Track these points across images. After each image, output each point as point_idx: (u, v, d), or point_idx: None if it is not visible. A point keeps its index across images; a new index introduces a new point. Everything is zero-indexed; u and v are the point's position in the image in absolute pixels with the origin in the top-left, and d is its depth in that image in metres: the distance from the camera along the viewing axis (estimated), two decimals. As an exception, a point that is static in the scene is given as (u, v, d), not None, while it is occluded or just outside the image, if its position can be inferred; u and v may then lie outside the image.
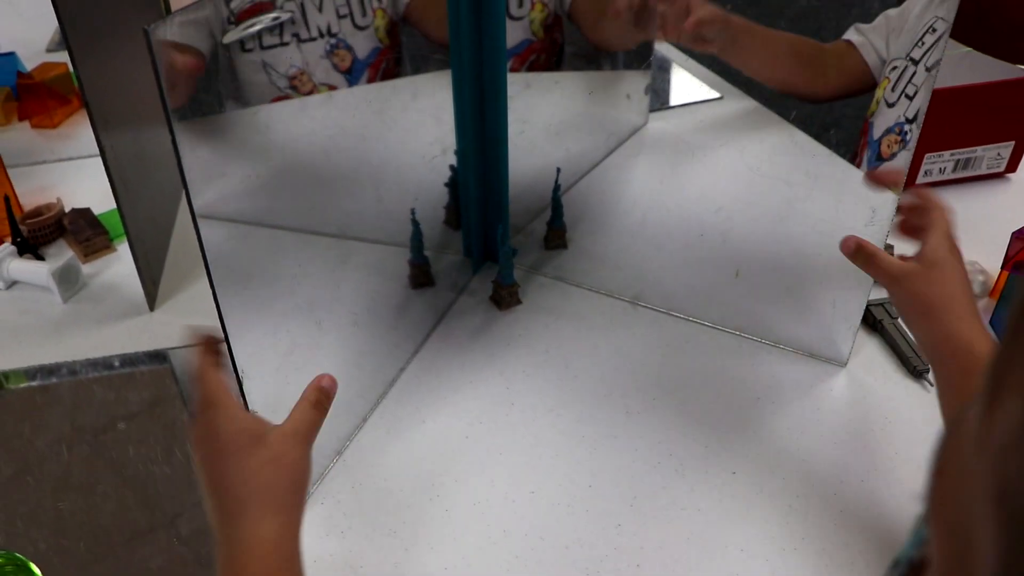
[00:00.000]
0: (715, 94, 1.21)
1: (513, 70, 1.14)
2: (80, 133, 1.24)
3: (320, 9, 1.04)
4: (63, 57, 1.05)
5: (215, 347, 0.57)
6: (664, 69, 1.33)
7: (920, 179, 1.12)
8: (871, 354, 0.85)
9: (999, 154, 1.13)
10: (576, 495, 0.71)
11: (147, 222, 0.91)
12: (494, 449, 0.75)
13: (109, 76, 0.84)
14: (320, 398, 0.56)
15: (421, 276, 0.90)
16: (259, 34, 1.08)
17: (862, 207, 0.74)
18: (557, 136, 1.07)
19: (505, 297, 0.90)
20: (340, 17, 1.08)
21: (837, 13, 0.78)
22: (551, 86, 1.14)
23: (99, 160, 0.79)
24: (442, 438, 0.76)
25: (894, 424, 0.77)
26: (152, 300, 0.90)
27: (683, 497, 0.70)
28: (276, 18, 0.98)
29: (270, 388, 0.63)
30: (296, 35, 1.07)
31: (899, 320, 0.88)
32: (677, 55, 1.34)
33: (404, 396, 0.80)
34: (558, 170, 0.96)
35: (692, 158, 1.05)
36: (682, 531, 0.68)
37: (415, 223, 0.86)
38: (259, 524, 0.49)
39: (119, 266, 0.96)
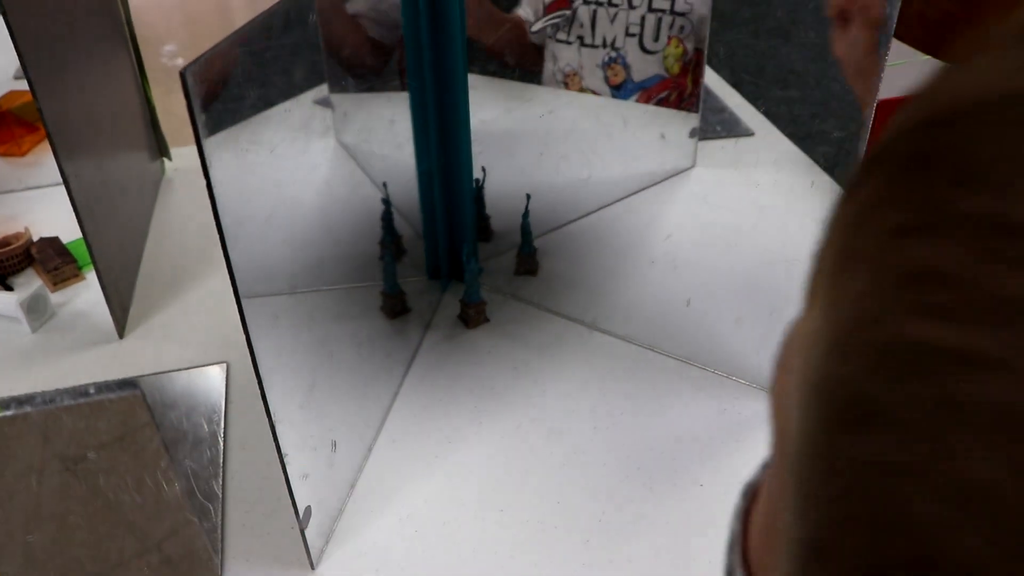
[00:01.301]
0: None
1: (640, 103, 1.19)
2: (48, 161, 1.22)
3: (612, 21, 1.07)
4: (27, 86, 1.05)
5: None
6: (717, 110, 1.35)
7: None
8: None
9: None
10: (545, 512, 0.71)
11: (115, 249, 0.91)
12: (462, 467, 0.76)
13: (71, 104, 0.84)
14: None
15: (398, 306, 0.90)
16: (556, 27, 1.14)
17: (809, 237, 0.75)
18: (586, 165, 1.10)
19: (472, 315, 0.91)
20: (628, 35, 1.14)
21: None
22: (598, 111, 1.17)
23: (65, 188, 0.79)
24: (411, 458, 0.77)
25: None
26: (121, 328, 0.90)
27: (652, 511, 0.71)
28: (561, 14, 1.04)
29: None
30: (581, 38, 1.14)
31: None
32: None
33: (394, 423, 0.81)
34: (528, 196, 0.97)
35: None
36: (651, 544, 0.69)
37: (391, 253, 0.87)
38: None
39: (88, 294, 0.96)
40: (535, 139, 1.16)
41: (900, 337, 0.15)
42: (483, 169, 0.98)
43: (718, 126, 1.31)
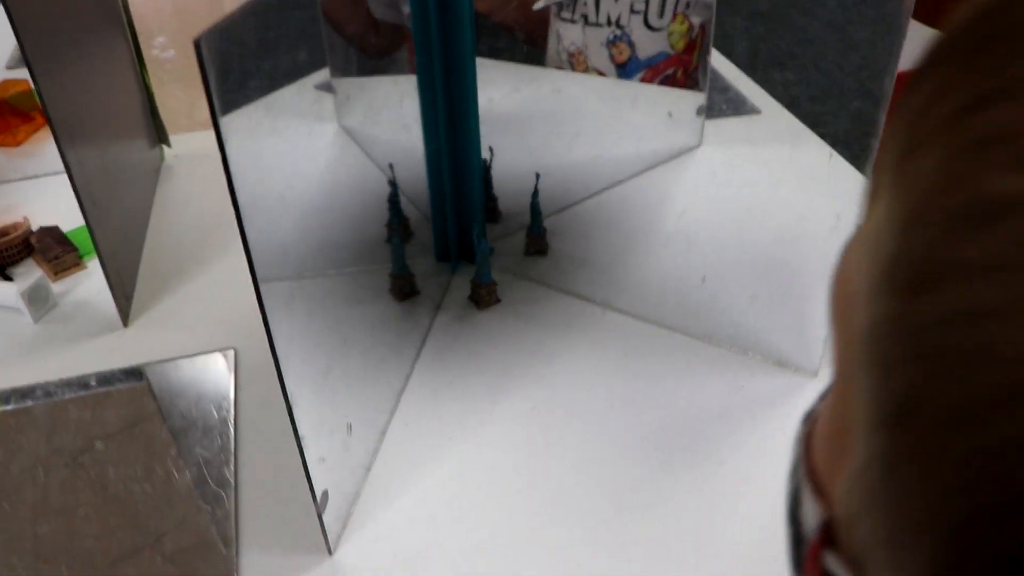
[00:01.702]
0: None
1: (645, 81, 1.16)
2: (44, 150, 1.22)
3: None
4: (24, 74, 1.03)
5: None
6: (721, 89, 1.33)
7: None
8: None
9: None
10: (563, 493, 0.70)
11: (117, 236, 0.90)
12: (478, 449, 0.74)
13: (71, 91, 0.82)
14: None
15: (407, 287, 0.89)
16: (560, 6, 1.11)
17: (826, 212, 0.74)
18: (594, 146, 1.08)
19: (484, 296, 0.89)
20: (633, 12, 1.11)
21: None
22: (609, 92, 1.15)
23: (65, 177, 0.77)
24: (426, 440, 0.75)
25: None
26: (125, 316, 0.88)
27: (672, 491, 0.70)
28: None
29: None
30: (585, 16, 1.12)
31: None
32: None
33: (407, 406, 0.80)
34: (537, 175, 0.95)
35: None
36: (673, 525, 0.67)
37: (399, 234, 0.86)
38: None
39: (90, 283, 0.94)
40: (541, 120, 1.14)
41: (977, 193, 0.16)
42: (490, 149, 0.96)
43: (724, 105, 1.29)
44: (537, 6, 1.22)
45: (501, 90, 1.11)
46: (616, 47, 1.20)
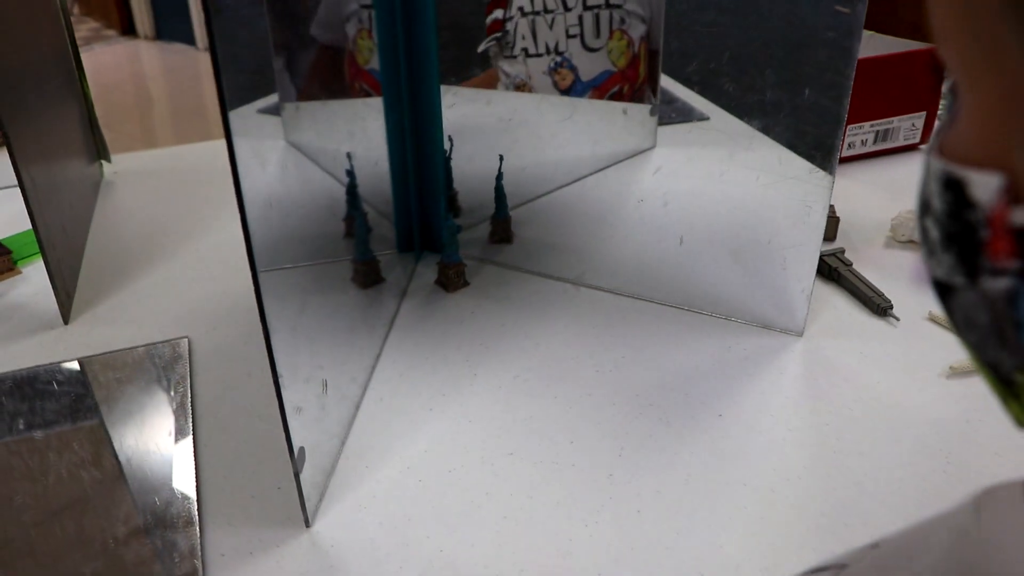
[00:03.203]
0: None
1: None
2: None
3: (551, 26, 1.04)
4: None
5: None
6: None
7: (845, 152, 1.13)
8: (837, 303, 0.84)
9: (913, 125, 1.16)
10: (559, 452, 0.65)
11: (59, 233, 0.84)
12: (461, 417, 0.69)
13: (30, 114, 0.81)
14: None
15: (372, 274, 0.84)
16: (499, 48, 1.09)
17: (789, 196, 0.73)
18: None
19: (452, 278, 0.85)
20: (569, 36, 1.10)
21: None
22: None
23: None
24: (403, 413, 0.70)
25: (869, 360, 0.75)
26: (67, 313, 0.81)
27: (673, 443, 0.66)
28: (495, 37, 1.01)
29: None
30: (525, 50, 1.10)
31: (853, 265, 0.87)
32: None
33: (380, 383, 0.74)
34: (500, 157, 0.92)
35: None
36: (678, 474, 0.63)
37: (362, 221, 0.82)
38: None
39: (25, 287, 0.87)
40: (498, 124, 1.13)
41: None
42: (450, 139, 0.94)
43: (672, 114, 1.30)
44: (480, 49, 1.22)
45: (456, 99, 1.09)
46: (559, 73, 1.20)
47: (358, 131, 0.85)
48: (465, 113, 0.99)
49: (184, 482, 0.63)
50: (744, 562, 0.55)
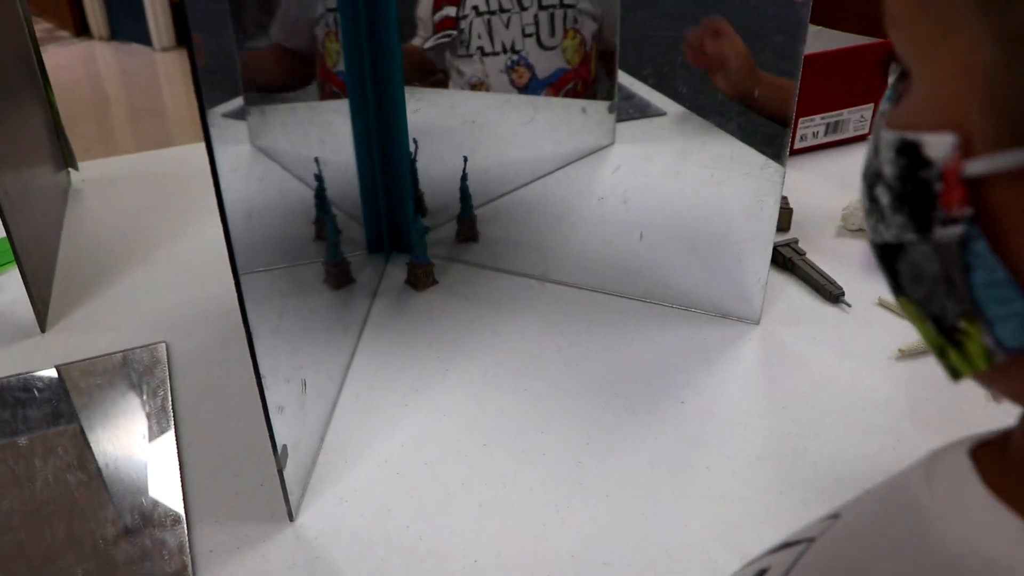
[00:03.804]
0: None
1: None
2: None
3: (507, 26, 1.06)
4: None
5: None
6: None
7: (797, 144, 1.17)
8: (791, 291, 0.87)
9: (862, 116, 1.20)
10: (530, 442, 0.68)
11: (32, 242, 0.85)
12: (436, 412, 0.72)
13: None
14: None
15: (343, 275, 0.86)
16: (453, 44, 1.10)
17: (743, 188, 0.76)
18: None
19: (421, 277, 0.87)
20: (525, 36, 1.12)
21: None
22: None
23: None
24: (378, 410, 0.72)
25: (823, 345, 0.79)
26: (44, 321, 0.83)
27: (638, 430, 0.69)
28: (447, 34, 1.02)
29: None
30: (481, 48, 1.11)
31: (807, 255, 0.90)
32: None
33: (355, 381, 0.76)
34: (465, 159, 0.95)
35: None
36: (644, 459, 0.66)
37: (332, 224, 0.84)
38: None
39: (1, 296, 0.88)
40: (456, 124, 1.15)
41: None
42: (414, 141, 0.96)
43: (630, 110, 1.33)
44: (426, 46, 1.23)
45: (420, 104, 1.11)
46: (516, 72, 1.22)
47: (326, 135, 0.87)
48: (429, 116, 1.02)
49: (169, 482, 0.65)
50: (708, 539, 0.59)
